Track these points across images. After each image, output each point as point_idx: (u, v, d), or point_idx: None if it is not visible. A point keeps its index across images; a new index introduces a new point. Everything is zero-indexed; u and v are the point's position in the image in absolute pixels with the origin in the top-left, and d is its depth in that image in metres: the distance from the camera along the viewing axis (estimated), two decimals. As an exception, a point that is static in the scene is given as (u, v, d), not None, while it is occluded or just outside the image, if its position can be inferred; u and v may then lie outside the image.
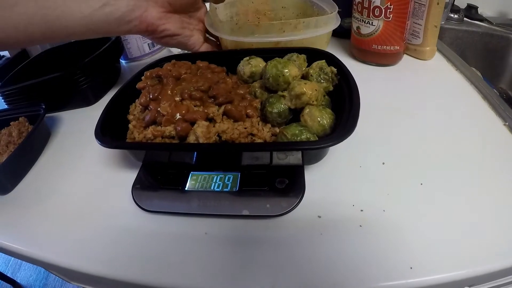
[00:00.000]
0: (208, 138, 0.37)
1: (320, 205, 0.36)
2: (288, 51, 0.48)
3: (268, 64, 0.42)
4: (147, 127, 0.40)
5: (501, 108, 0.47)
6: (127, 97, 0.47)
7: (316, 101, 0.39)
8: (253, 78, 0.46)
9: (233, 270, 0.31)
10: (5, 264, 1.79)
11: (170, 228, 0.36)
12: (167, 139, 0.39)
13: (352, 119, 0.34)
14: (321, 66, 0.43)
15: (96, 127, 0.39)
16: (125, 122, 0.44)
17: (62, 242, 0.37)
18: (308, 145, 0.34)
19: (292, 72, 0.40)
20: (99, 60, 0.61)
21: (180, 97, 0.41)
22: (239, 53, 0.50)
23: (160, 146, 0.39)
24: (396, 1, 0.51)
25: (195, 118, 0.38)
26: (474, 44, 0.83)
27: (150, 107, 0.40)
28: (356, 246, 0.32)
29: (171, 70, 0.44)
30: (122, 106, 0.45)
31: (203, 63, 0.48)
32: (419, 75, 0.57)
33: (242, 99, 0.42)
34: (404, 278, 0.29)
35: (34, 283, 1.65)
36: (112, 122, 0.42)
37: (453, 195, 0.35)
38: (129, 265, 0.33)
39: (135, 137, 0.40)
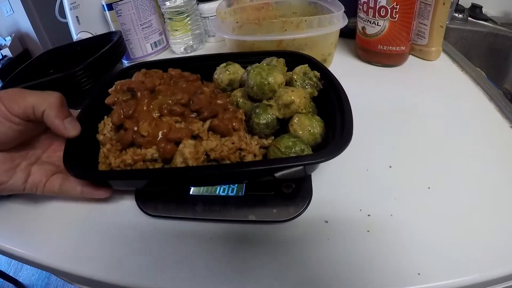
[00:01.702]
0: (197, 158, 0.33)
1: (327, 209, 0.34)
2: (265, 55, 0.44)
3: (250, 72, 0.38)
4: (124, 150, 0.35)
5: (508, 110, 0.46)
6: (94, 114, 0.39)
7: (305, 109, 0.37)
8: (231, 86, 0.42)
9: (239, 276, 0.30)
10: (7, 264, 1.77)
11: (174, 233, 0.35)
12: (148, 163, 0.34)
13: (347, 126, 0.32)
14: (305, 71, 0.40)
15: (64, 154, 0.34)
16: (95, 143, 0.38)
17: (62, 245, 0.36)
18: (309, 160, 0.30)
19: (277, 80, 0.37)
20: (101, 60, 0.59)
21: (158, 113, 0.36)
22: (212, 58, 0.47)
23: (147, 174, 0.33)
24: (402, 1, 0.50)
25: (180, 138, 0.34)
26: (479, 44, 0.81)
27: (125, 127, 0.35)
28: (363, 252, 0.31)
29: (143, 81, 0.39)
30: (89, 125, 0.38)
31: (176, 71, 0.44)
32: (425, 76, 0.56)
33: (224, 111, 0.38)
34: (412, 284, 0.28)
35: (36, 282, 1.65)
36: (81, 146, 0.36)
37: (460, 199, 0.34)
38: (132, 269, 0.32)
39: (111, 162, 0.34)
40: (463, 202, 0.34)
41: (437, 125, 0.44)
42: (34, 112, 0.33)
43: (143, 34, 0.73)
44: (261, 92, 0.37)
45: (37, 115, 0.34)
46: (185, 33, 0.71)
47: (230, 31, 0.50)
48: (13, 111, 0.33)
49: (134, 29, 0.72)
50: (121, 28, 0.72)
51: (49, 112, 0.34)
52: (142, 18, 0.72)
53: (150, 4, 0.73)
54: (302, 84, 0.39)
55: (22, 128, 0.34)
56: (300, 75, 0.40)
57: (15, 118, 0.33)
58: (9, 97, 0.33)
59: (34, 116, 0.34)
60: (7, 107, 0.32)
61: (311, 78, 0.40)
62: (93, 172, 0.35)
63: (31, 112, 0.33)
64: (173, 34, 0.71)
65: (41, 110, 0.33)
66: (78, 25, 0.80)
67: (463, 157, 0.39)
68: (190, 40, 0.72)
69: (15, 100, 0.33)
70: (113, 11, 0.70)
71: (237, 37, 0.50)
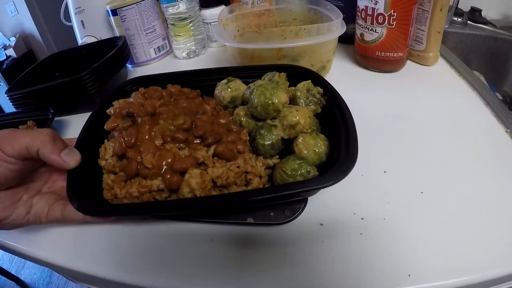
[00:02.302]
0: (204, 187, 0.32)
1: (322, 213, 0.35)
2: (266, 69, 0.44)
3: (254, 91, 0.37)
4: (128, 180, 0.34)
5: (503, 115, 0.46)
6: (93, 138, 0.38)
7: (309, 128, 0.36)
8: (233, 103, 0.42)
9: (238, 274, 0.31)
10: (10, 262, 1.80)
11: (178, 233, 0.35)
12: (155, 193, 0.33)
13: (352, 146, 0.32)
14: (308, 87, 0.39)
15: (68, 187, 0.33)
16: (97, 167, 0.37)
17: (66, 243, 0.37)
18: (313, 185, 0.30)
19: (281, 99, 0.36)
20: (106, 65, 0.60)
21: (161, 140, 0.35)
22: (212, 73, 0.46)
23: (167, 207, 0.32)
24: (399, 8, 0.50)
25: (186, 168, 0.33)
26: (478, 48, 0.81)
27: (128, 157, 0.34)
28: (356, 254, 0.32)
29: (143, 104, 0.37)
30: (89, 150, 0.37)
31: (175, 88, 0.43)
32: (422, 82, 0.56)
33: (228, 132, 0.37)
34: (402, 285, 0.29)
35: (38, 281, 1.67)
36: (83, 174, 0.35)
37: (452, 204, 0.35)
38: (136, 267, 0.33)
39: (116, 193, 0.34)
40: (455, 207, 0.34)
41: (433, 130, 0.45)
42: (29, 152, 0.33)
43: (146, 39, 0.74)
44: (266, 112, 0.37)
45: (32, 154, 0.34)
46: (187, 39, 0.71)
47: (232, 38, 0.51)
48: (8, 152, 0.32)
49: (138, 34, 0.73)
50: (125, 33, 0.73)
51: (43, 150, 0.34)
52: (146, 24, 0.73)
53: (154, 10, 0.73)
54: (305, 101, 0.39)
55: (19, 167, 0.34)
56: (304, 91, 0.39)
57: (10, 159, 0.33)
58: (3, 139, 0.33)
59: (29, 155, 0.34)
60: (2, 149, 0.32)
61: (315, 95, 0.39)
62: (102, 208, 0.34)
63: (26, 153, 0.33)
64: (176, 40, 0.72)
65: (35, 150, 0.33)
66: (83, 29, 0.81)
67: (458, 162, 0.40)
68: (193, 46, 0.73)
69: (8, 142, 0.33)
70: (117, 16, 0.71)
71: (238, 45, 0.50)
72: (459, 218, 0.34)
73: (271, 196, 0.30)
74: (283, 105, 0.36)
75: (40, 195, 0.36)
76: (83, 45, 0.80)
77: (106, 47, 0.70)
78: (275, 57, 0.52)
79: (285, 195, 0.30)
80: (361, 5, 0.54)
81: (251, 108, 0.38)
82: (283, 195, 0.30)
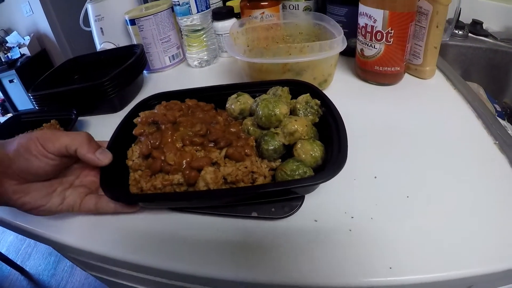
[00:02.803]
0: (216, 182, 0.39)
1: (317, 210, 0.40)
2: (271, 84, 0.50)
3: (259, 104, 0.43)
4: (153, 175, 0.41)
5: (493, 127, 0.49)
6: (121, 143, 0.45)
7: (307, 135, 0.42)
8: (242, 114, 0.48)
9: (241, 260, 0.36)
10: (16, 252, 1.86)
11: (189, 224, 0.41)
12: (175, 186, 0.40)
13: (343, 150, 0.37)
14: (307, 100, 0.45)
15: (101, 180, 0.40)
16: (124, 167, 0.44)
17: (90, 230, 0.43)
18: (307, 182, 0.37)
19: (282, 111, 0.42)
20: (125, 72, 0.67)
21: (181, 143, 0.42)
22: (224, 89, 0.52)
23: (187, 196, 0.40)
24: (396, 26, 0.54)
25: (202, 166, 0.39)
26: (478, 60, 0.84)
27: (153, 156, 0.41)
28: (344, 247, 0.36)
29: (165, 114, 0.44)
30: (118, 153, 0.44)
31: (192, 101, 0.49)
32: (418, 94, 0.59)
33: (237, 138, 0.43)
34: (383, 276, 0.33)
35: (42, 272, 1.71)
36: (113, 171, 0.41)
37: (435, 207, 0.38)
38: (149, 251, 0.39)
39: (142, 186, 0.40)
40: (437, 211, 0.38)
41: (424, 140, 0.48)
42: (67, 151, 0.39)
43: (162, 48, 0.80)
44: (269, 122, 0.43)
45: (70, 153, 0.40)
46: (200, 49, 0.77)
47: (242, 53, 0.56)
48: (49, 149, 0.38)
49: (154, 43, 0.79)
50: (142, 42, 0.79)
51: (80, 149, 0.40)
52: (162, 33, 0.79)
53: (170, 21, 0.79)
54: (304, 112, 0.45)
55: (57, 163, 0.40)
56: (303, 104, 0.45)
57: (51, 155, 0.39)
58: (45, 138, 0.38)
59: (67, 153, 0.40)
60: (44, 146, 0.38)
61: (313, 107, 0.45)
62: (134, 196, 0.41)
63: (65, 151, 0.39)
64: (189, 49, 0.78)
65: (73, 149, 0.39)
66: (102, 35, 0.87)
67: (444, 170, 0.43)
68: (205, 55, 0.79)
69: (50, 141, 0.39)
70: (135, 26, 0.77)
71: (248, 59, 0.55)
72: (439, 220, 0.37)
73: (272, 189, 0.37)
74: (284, 116, 0.43)
75: (73, 189, 0.43)
76: (102, 51, 0.87)
77: (124, 54, 0.76)
78: (281, 71, 0.57)
79: (284, 190, 0.37)
80: (361, 23, 0.59)
81: (257, 119, 0.44)
82: (282, 189, 0.37)
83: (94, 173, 0.44)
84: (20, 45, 2.78)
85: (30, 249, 1.90)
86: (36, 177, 0.39)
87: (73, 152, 0.40)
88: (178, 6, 0.72)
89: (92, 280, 1.62)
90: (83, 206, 0.42)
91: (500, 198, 0.39)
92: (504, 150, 0.45)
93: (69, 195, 0.42)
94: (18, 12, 2.81)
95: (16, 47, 2.77)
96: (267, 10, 0.74)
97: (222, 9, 0.78)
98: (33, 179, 0.39)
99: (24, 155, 0.38)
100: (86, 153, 0.40)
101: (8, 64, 2.71)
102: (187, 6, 0.70)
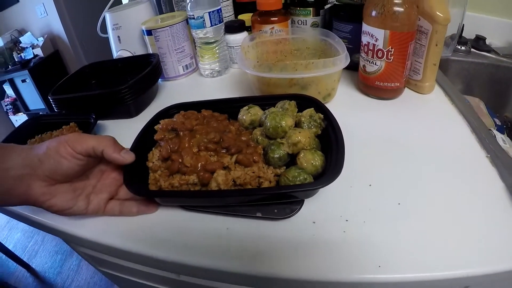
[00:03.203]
0: (227, 184, 0.44)
1: (315, 213, 0.44)
2: (280, 98, 0.55)
3: (267, 116, 0.49)
4: (171, 175, 0.46)
5: (486, 141, 0.52)
6: (142, 147, 0.51)
7: (309, 146, 0.46)
8: (252, 125, 0.53)
9: (246, 255, 0.40)
10: (22, 250, 1.92)
11: (200, 221, 0.46)
12: (190, 186, 0.45)
13: (339, 161, 0.42)
14: (311, 114, 0.50)
15: (124, 179, 0.45)
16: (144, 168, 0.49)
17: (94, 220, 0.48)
18: (306, 187, 0.42)
19: (288, 123, 0.47)
20: (142, 81, 0.71)
21: (197, 149, 0.47)
22: (237, 101, 0.58)
23: (201, 194, 0.45)
24: (396, 45, 0.58)
25: (214, 169, 0.45)
26: (480, 75, 0.88)
27: (172, 159, 0.46)
28: (338, 247, 0.40)
29: (184, 122, 0.50)
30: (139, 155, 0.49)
31: (208, 112, 0.54)
32: (416, 108, 0.63)
33: (247, 146, 0.48)
34: (372, 273, 0.37)
35: (48, 270, 1.76)
36: (134, 172, 0.47)
37: (423, 213, 0.42)
38: (162, 245, 0.43)
39: (161, 184, 0.45)
40: (425, 216, 0.42)
41: (419, 152, 0.52)
42: (94, 151, 0.44)
43: (176, 58, 0.86)
44: (276, 133, 0.48)
45: (96, 153, 0.44)
46: (212, 60, 0.83)
47: (252, 67, 0.61)
48: (77, 150, 0.43)
49: (169, 53, 0.84)
50: (158, 51, 0.84)
51: (107, 150, 0.45)
52: (176, 44, 0.84)
53: (184, 32, 0.85)
54: (308, 125, 0.50)
55: (83, 163, 0.44)
56: (307, 117, 0.50)
57: (79, 156, 0.43)
58: (73, 140, 0.43)
59: (94, 154, 0.44)
60: (73, 148, 0.42)
61: (316, 120, 0.50)
62: (155, 191, 0.47)
63: (92, 152, 0.44)
64: (202, 60, 0.83)
65: (100, 150, 0.44)
66: (119, 43, 0.92)
67: (436, 180, 0.47)
68: (217, 66, 0.84)
69: (78, 143, 0.43)
70: (151, 36, 0.83)
71: (257, 73, 0.60)
72: (427, 225, 0.41)
73: (275, 192, 0.43)
74: (289, 128, 0.48)
75: (95, 193, 0.47)
76: (119, 58, 0.92)
77: (140, 62, 0.82)
78: (288, 85, 0.62)
79: (285, 193, 0.43)
80: (364, 41, 0.63)
81: (265, 129, 0.49)
82: (283, 192, 0.43)
83: (113, 175, 0.50)
84: (34, 45, 2.86)
85: (37, 246, 1.96)
86: (64, 177, 0.43)
87: (99, 153, 0.45)
88: (193, 19, 0.77)
89: (97, 279, 1.66)
90: (107, 211, 0.47)
91: (487, 205, 0.43)
92: (495, 163, 0.49)
93: (93, 199, 0.47)
94: (32, 13, 2.90)
95: (30, 47, 2.86)
96: (277, 25, 0.79)
97: (234, 23, 0.83)
98: (61, 179, 0.43)
99: (54, 156, 0.42)
100: (112, 153, 0.46)
101: (21, 64, 2.79)
102: (202, 20, 0.76)
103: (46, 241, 2.00)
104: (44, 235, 2.03)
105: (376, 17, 0.58)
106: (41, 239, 2.02)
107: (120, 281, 0.68)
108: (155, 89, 0.82)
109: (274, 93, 0.64)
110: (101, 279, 1.67)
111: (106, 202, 0.48)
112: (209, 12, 0.76)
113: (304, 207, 0.45)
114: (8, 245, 1.85)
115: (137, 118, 0.74)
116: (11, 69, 2.86)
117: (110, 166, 0.50)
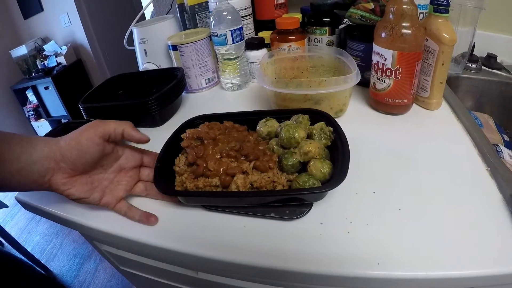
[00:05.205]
0: (245, 186, 0.51)
1: (323, 215, 0.49)
2: (295, 112, 0.61)
3: (282, 128, 0.55)
4: (196, 178, 0.53)
5: (488, 156, 0.55)
6: (169, 153, 0.58)
7: (319, 155, 0.53)
8: (269, 135, 0.59)
9: (261, 250, 0.46)
10: (41, 252, 1.99)
11: (220, 220, 0.51)
12: (213, 187, 0.52)
13: (344, 168, 0.48)
14: (321, 127, 0.57)
15: (154, 179, 0.52)
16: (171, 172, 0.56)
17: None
18: (314, 190, 0.49)
19: (300, 135, 0.54)
20: (168, 92, 0.78)
21: (219, 155, 0.54)
22: (255, 114, 0.65)
23: (222, 194, 0.52)
24: (404, 65, 0.63)
25: (235, 173, 0.52)
26: (490, 92, 0.92)
27: (197, 164, 0.53)
28: (343, 246, 0.44)
29: (208, 132, 0.57)
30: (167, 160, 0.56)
31: (229, 123, 0.62)
32: (423, 124, 0.67)
33: (264, 155, 0.55)
34: (372, 270, 0.41)
35: (66, 273, 1.83)
36: (162, 174, 0.54)
37: (422, 219, 0.46)
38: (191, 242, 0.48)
39: (187, 186, 0.53)
40: (423, 221, 0.46)
41: (422, 163, 0.56)
42: (115, 132, 0.50)
43: (200, 72, 0.93)
44: (289, 143, 0.55)
45: (117, 134, 0.50)
46: (234, 75, 0.90)
47: (270, 83, 0.67)
48: (98, 132, 0.48)
49: (193, 67, 0.92)
50: (182, 65, 0.91)
51: (127, 130, 0.51)
52: (200, 59, 0.92)
53: (207, 48, 0.93)
54: (319, 137, 0.57)
55: (101, 148, 0.49)
56: (318, 130, 0.57)
57: (98, 139, 0.48)
58: (96, 125, 0.49)
59: (114, 135, 0.50)
60: (95, 131, 0.48)
61: (326, 133, 0.57)
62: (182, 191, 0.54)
63: (112, 132, 0.50)
64: (223, 74, 0.90)
65: (120, 131, 0.50)
66: (145, 56, 1.01)
67: (436, 189, 0.51)
68: (237, 81, 0.91)
69: (99, 125, 0.49)
70: (177, 51, 0.90)
71: (275, 89, 0.67)
72: (425, 229, 0.45)
73: (286, 194, 0.50)
74: (302, 139, 0.55)
75: (110, 189, 0.54)
76: (145, 70, 1.00)
77: (165, 75, 0.89)
78: (302, 100, 0.69)
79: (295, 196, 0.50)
80: (374, 60, 0.68)
81: (280, 140, 0.56)
82: (294, 195, 0.50)
83: (130, 174, 0.56)
84: (57, 54, 3.01)
85: (55, 250, 2.04)
86: (85, 166, 0.49)
87: (119, 134, 0.51)
88: (216, 37, 0.85)
89: (114, 282, 1.73)
90: (116, 209, 0.54)
91: (485, 214, 0.47)
92: (494, 175, 0.52)
93: (107, 194, 0.53)
94: (56, 22, 3.06)
95: (53, 55, 3.00)
96: (294, 43, 0.85)
97: (255, 40, 0.91)
98: (82, 169, 0.49)
99: (76, 146, 0.48)
100: (131, 131, 0.52)
101: (44, 71, 2.94)
102: (224, 37, 0.84)
103: (64, 245, 2.08)
104: (62, 238, 2.11)
105: (386, 38, 0.64)
106: (60, 243, 2.11)
107: (139, 280, 0.74)
108: (179, 101, 0.88)
109: (289, 107, 0.70)
110: (118, 283, 1.73)
111: (118, 201, 0.54)
112: (231, 30, 0.83)
113: (313, 209, 0.51)
114: (27, 248, 1.93)
115: (163, 127, 0.80)
116: (34, 76, 3.01)
117: (129, 163, 0.56)
